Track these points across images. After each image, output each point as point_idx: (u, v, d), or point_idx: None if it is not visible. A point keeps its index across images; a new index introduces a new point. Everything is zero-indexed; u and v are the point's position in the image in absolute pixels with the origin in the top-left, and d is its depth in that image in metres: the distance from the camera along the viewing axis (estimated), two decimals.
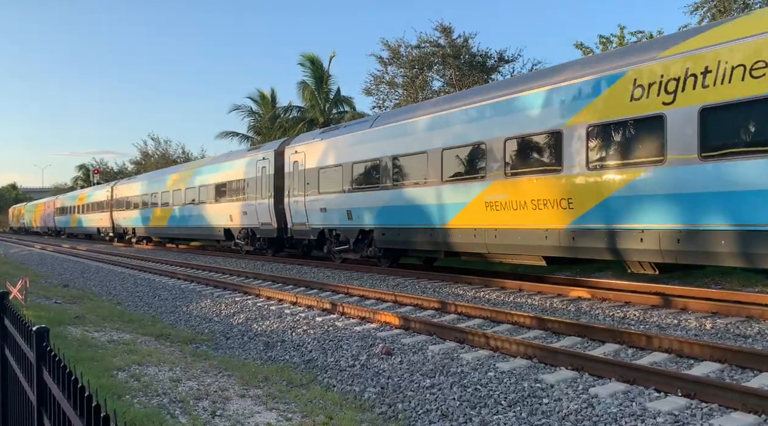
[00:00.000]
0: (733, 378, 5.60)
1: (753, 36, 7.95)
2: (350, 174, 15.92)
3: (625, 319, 8.64)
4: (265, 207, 20.17)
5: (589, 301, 10.05)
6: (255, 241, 21.83)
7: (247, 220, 21.67)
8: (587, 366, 5.85)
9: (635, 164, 9.22)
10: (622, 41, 20.99)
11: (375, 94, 27.91)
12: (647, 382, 5.30)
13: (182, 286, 13.99)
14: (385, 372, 6.36)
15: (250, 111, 36.25)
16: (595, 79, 9.89)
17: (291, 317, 9.43)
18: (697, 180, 8.38)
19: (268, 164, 20.20)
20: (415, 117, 14.15)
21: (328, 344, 7.67)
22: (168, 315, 10.97)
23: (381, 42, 26.70)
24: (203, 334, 9.20)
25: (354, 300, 11.08)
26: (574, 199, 10.16)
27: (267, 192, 20.10)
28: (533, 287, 11.42)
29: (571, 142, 10.21)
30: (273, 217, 19.81)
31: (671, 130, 8.69)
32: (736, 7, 19.25)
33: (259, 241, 21.56)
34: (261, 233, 20.99)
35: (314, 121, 31.20)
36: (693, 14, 20.53)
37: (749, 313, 8.25)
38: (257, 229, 21.19)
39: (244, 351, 8.00)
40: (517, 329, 8.05)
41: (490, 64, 25.56)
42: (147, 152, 54.79)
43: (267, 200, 20.08)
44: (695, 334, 7.55)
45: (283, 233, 19.61)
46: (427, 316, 9.22)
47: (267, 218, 20.22)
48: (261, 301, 11.28)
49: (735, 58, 8.08)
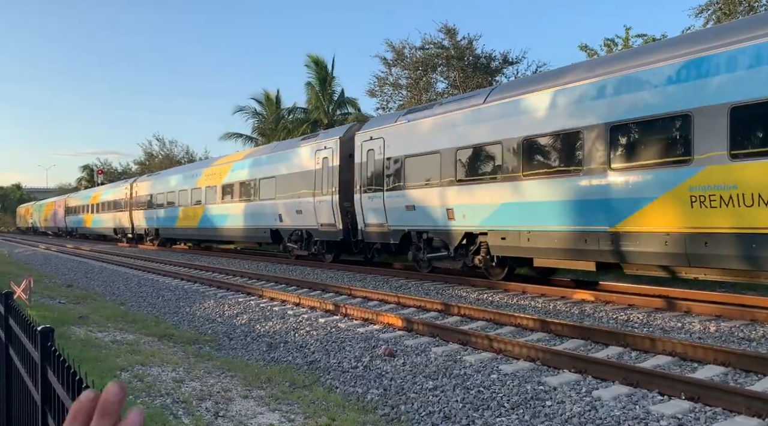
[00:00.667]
0: (737, 381, 5.58)
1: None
2: (453, 162, 12.78)
3: (628, 322, 8.62)
4: (328, 204, 17.28)
5: (593, 303, 10.03)
6: (311, 244, 18.89)
7: (301, 220, 18.74)
8: (590, 369, 5.84)
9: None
10: (627, 43, 20.95)
11: (379, 96, 27.97)
12: (651, 385, 5.28)
13: (185, 287, 14.01)
14: (387, 373, 6.36)
15: (254, 112, 36.33)
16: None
17: (294, 318, 9.43)
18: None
19: (332, 154, 17.28)
20: (561, 83, 10.64)
21: (330, 345, 7.67)
22: (171, 315, 10.99)
23: (385, 43, 26.76)
24: (206, 334, 9.21)
25: (357, 301, 11.08)
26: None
27: (330, 187, 17.14)
28: (536, 290, 11.40)
29: None
30: (337, 216, 16.97)
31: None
32: (741, 9, 19.21)
33: (316, 245, 18.67)
34: (320, 236, 18.12)
35: (318, 123, 31.25)
36: (698, 17, 20.51)
37: (753, 316, 8.22)
38: (314, 230, 18.27)
39: (247, 352, 8.01)
40: (520, 331, 8.04)
41: (494, 65, 25.56)
42: (151, 153, 54.95)
43: (330, 197, 17.16)
44: (699, 337, 7.53)
45: (349, 236, 16.76)
46: (430, 317, 9.22)
47: (329, 218, 17.32)
48: (264, 301, 11.29)
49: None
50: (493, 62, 25.50)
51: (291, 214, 19.25)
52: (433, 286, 12.83)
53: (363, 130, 16.21)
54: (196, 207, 26.14)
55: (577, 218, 10.14)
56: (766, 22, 8.19)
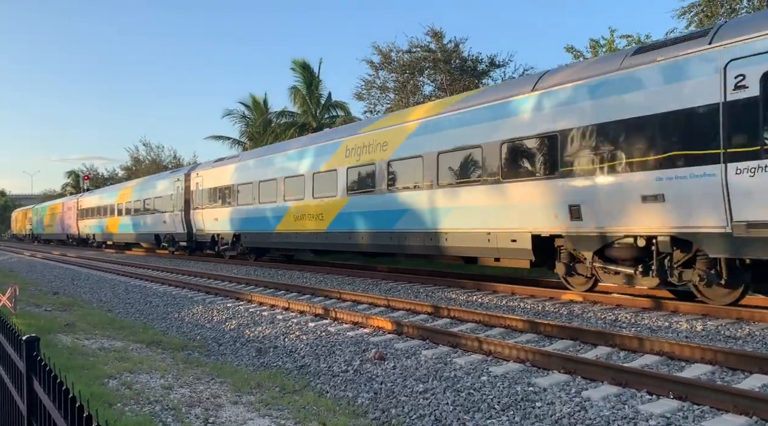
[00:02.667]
0: (724, 380, 5.64)
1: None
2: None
3: (616, 322, 8.68)
4: None
5: (581, 304, 10.08)
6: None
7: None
8: (579, 369, 5.87)
9: None
10: (611, 45, 21.14)
11: (366, 99, 27.98)
12: (639, 384, 5.32)
13: (173, 293, 13.92)
14: (378, 377, 6.35)
15: (242, 116, 36.22)
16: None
17: (283, 323, 9.40)
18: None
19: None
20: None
21: (320, 350, 7.65)
22: (159, 322, 10.91)
23: (372, 46, 26.78)
24: (195, 340, 9.15)
25: (346, 305, 11.07)
26: None
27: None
28: (525, 291, 11.44)
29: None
30: None
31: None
32: (723, 11, 19.46)
33: None
34: None
35: (306, 126, 31.21)
36: (681, 18, 20.74)
37: (739, 315, 8.31)
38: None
39: (237, 357, 7.96)
40: (509, 333, 8.07)
41: (481, 68, 25.67)
42: (138, 158, 54.58)
43: None
44: (686, 337, 7.59)
45: None
46: (420, 320, 9.22)
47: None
48: (253, 306, 11.24)
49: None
50: (479, 65, 25.61)
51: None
52: (422, 288, 12.84)
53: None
54: (326, 201, 16.54)
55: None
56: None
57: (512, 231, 11.11)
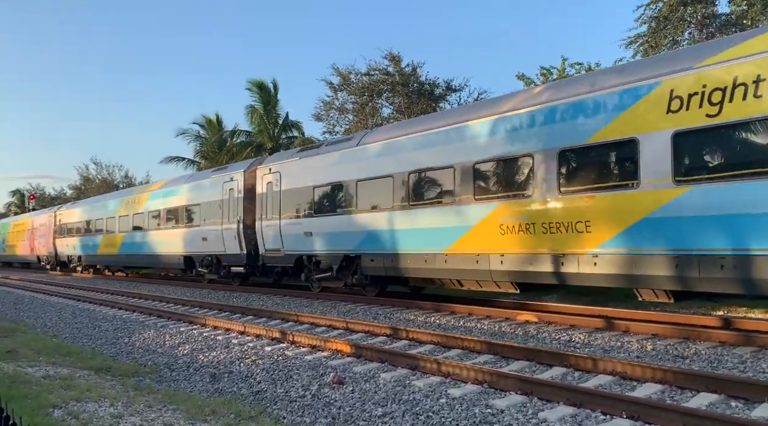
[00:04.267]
0: (674, 398, 5.80)
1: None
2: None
3: (570, 343, 8.84)
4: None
5: (536, 324, 10.24)
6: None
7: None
8: (536, 390, 5.94)
9: None
10: (562, 73, 21.87)
11: (325, 120, 28.05)
12: (594, 405, 5.42)
13: (124, 317, 13.47)
14: (336, 402, 6.27)
15: (197, 135, 35.67)
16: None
17: (239, 347, 9.20)
18: None
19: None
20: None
21: (277, 374, 7.52)
22: (109, 347, 10.52)
23: (332, 68, 26.95)
24: (146, 366, 8.85)
25: (304, 328, 10.94)
26: None
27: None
28: (482, 311, 11.56)
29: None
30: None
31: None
32: (667, 43, 20.46)
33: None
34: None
35: (262, 146, 30.98)
36: (628, 48, 21.69)
37: (686, 334, 8.59)
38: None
39: (190, 383, 7.74)
40: (467, 354, 8.11)
41: (437, 92, 26.12)
42: (88, 177, 52.97)
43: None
44: (637, 356, 7.79)
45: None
46: (378, 342, 9.18)
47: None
48: (207, 330, 10.98)
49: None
50: (436, 89, 26.07)
51: None
52: (381, 310, 12.80)
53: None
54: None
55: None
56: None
57: None
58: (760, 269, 7.52)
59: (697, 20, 20.34)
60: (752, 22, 18.65)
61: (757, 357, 7.25)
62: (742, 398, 5.59)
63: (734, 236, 7.72)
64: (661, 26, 20.24)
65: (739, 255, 7.71)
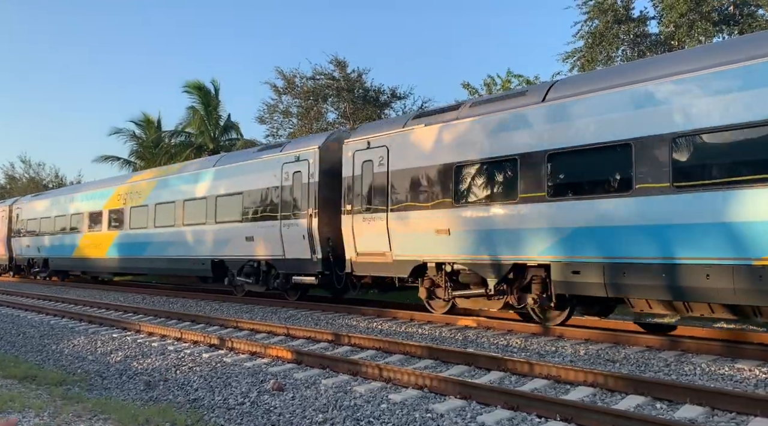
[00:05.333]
0: (605, 401, 6.04)
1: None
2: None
3: (508, 347, 9.06)
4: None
5: (476, 329, 10.44)
6: None
7: None
8: (475, 394, 6.06)
9: None
10: (506, 84, 22.47)
11: (269, 123, 27.74)
12: (530, 408, 5.58)
13: (51, 322, 12.83)
14: (276, 409, 6.19)
15: (133, 135, 34.47)
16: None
17: (175, 354, 8.94)
18: None
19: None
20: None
21: (215, 382, 7.35)
22: (34, 354, 10.00)
23: (275, 70, 26.70)
24: (75, 374, 8.47)
25: (244, 334, 10.74)
26: None
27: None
28: (424, 317, 11.68)
29: None
30: None
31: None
32: (601, 58, 21.37)
33: None
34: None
35: (203, 148, 30.29)
36: (565, 62, 22.50)
37: (617, 339, 8.96)
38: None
39: (123, 391, 7.46)
40: (408, 359, 8.18)
41: (382, 99, 26.31)
42: (14, 176, 50.23)
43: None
44: (571, 361, 8.07)
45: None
46: (320, 348, 9.13)
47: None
48: (142, 337, 10.61)
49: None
50: (381, 96, 26.25)
51: None
52: (323, 315, 12.73)
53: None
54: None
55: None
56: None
57: None
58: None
59: (629, 38, 21.36)
60: (679, 43, 19.75)
61: (681, 360, 7.65)
62: (667, 400, 5.88)
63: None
64: (596, 42, 21.13)
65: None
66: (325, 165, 13.61)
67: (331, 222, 13.34)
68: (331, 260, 13.23)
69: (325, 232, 13.35)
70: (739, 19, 19.31)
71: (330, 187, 13.49)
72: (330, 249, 13.25)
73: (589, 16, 21.33)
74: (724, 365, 7.28)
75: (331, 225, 13.33)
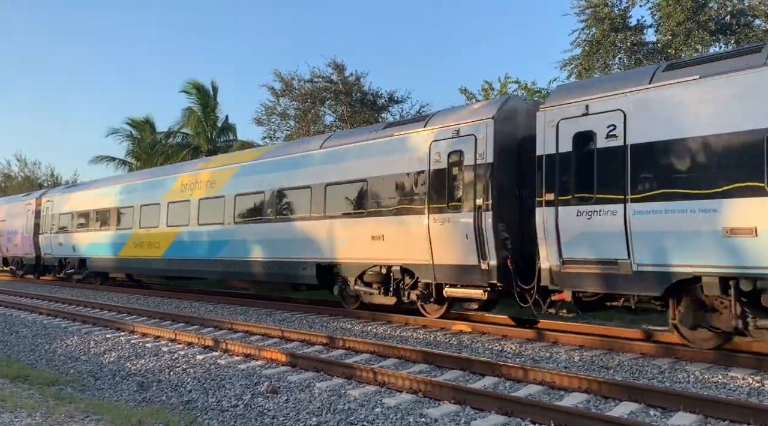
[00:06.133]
0: (598, 407, 6.05)
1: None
2: None
3: (503, 353, 9.06)
4: None
5: (470, 334, 10.44)
6: None
7: None
8: (469, 399, 6.06)
9: None
10: (503, 89, 22.53)
11: (266, 125, 27.76)
12: (524, 413, 5.58)
13: (45, 322, 12.77)
14: (269, 411, 6.18)
15: (129, 135, 34.40)
16: None
17: (169, 355, 8.91)
18: None
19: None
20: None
21: (209, 383, 7.33)
22: (27, 354, 9.95)
23: (274, 73, 26.73)
24: (68, 374, 8.44)
25: (238, 336, 10.71)
26: None
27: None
28: (419, 321, 11.67)
29: None
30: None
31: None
32: (598, 66, 21.46)
33: None
34: None
35: (199, 149, 30.25)
36: (562, 70, 22.58)
37: (611, 346, 8.98)
38: None
39: (116, 392, 7.43)
40: (403, 363, 8.17)
41: (380, 103, 26.35)
42: (9, 174, 50.04)
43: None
44: (565, 367, 8.08)
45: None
46: (314, 351, 9.11)
47: None
48: (135, 337, 10.57)
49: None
50: (379, 100, 26.30)
51: None
52: (318, 318, 12.71)
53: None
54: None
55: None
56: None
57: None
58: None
59: (627, 47, 21.45)
60: (676, 52, 19.86)
61: (674, 368, 7.67)
62: (660, 407, 5.90)
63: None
64: (594, 50, 21.20)
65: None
66: (502, 141, 10.25)
67: (509, 217, 10.16)
68: (510, 269, 9.85)
69: (502, 230, 10.08)
70: (736, 29, 19.43)
71: (507, 171, 10.28)
72: (508, 253, 9.97)
73: (586, 24, 21.41)
74: (718, 373, 7.30)
75: (508, 221, 10.15)
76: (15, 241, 27.01)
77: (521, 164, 10.23)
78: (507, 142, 10.29)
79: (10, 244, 27.44)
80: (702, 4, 19.43)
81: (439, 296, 11.07)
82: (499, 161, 10.13)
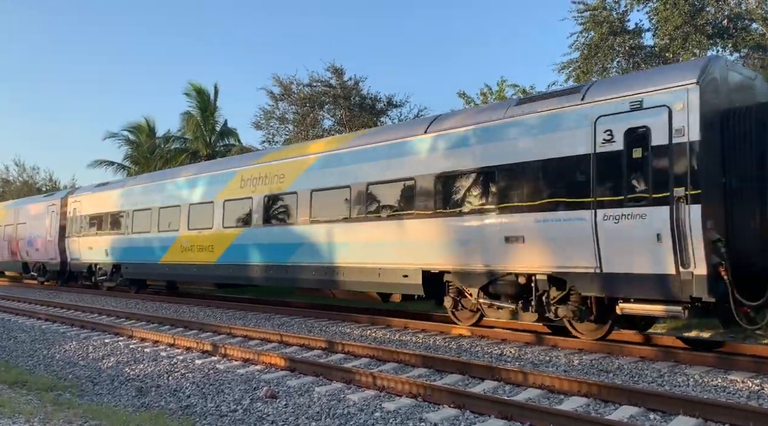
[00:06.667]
0: (598, 411, 6.04)
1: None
2: None
3: (502, 357, 9.05)
4: None
5: (470, 338, 10.42)
6: None
7: None
8: (468, 403, 6.04)
9: None
10: (501, 93, 22.58)
11: (265, 129, 27.78)
12: (523, 417, 5.57)
13: (43, 327, 12.75)
14: (269, 416, 6.16)
15: (128, 139, 34.39)
16: None
17: (168, 360, 8.89)
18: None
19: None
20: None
21: (208, 388, 7.31)
22: (25, 359, 9.93)
23: (272, 77, 26.77)
24: (66, 379, 8.41)
25: (237, 341, 10.69)
26: None
27: None
28: (418, 325, 11.66)
29: None
30: None
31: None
32: (596, 69, 21.52)
33: None
34: None
35: (197, 153, 30.25)
36: (560, 73, 22.64)
37: (611, 349, 8.97)
38: None
39: (114, 397, 7.41)
40: (402, 367, 8.16)
41: (379, 107, 26.38)
42: (8, 179, 49.96)
43: None
44: (565, 371, 8.07)
45: None
46: (313, 356, 9.10)
47: None
48: (134, 342, 10.55)
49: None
50: (378, 104, 26.33)
51: None
52: (316, 323, 12.70)
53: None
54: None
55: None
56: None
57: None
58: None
59: (625, 50, 21.51)
60: (673, 55, 19.91)
61: (674, 371, 7.66)
62: (660, 411, 5.89)
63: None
64: (592, 53, 21.25)
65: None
66: (708, 115, 8.01)
67: (722, 212, 8.01)
68: (726, 280, 7.67)
69: (711, 228, 7.85)
70: (733, 33, 19.49)
71: (713, 153, 8.06)
72: (720, 259, 7.74)
73: (584, 27, 21.48)
74: (717, 376, 7.29)
75: (720, 217, 7.98)
76: (36, 245, 24.59)
77: (724, 145, 8.06)
78: (712, 116, 8.06)
79: (31, 248, 25.03)
80: (699, 8, 19.49)
81: (601, 312, 9.11)
82: (705, 140, 7.86)
